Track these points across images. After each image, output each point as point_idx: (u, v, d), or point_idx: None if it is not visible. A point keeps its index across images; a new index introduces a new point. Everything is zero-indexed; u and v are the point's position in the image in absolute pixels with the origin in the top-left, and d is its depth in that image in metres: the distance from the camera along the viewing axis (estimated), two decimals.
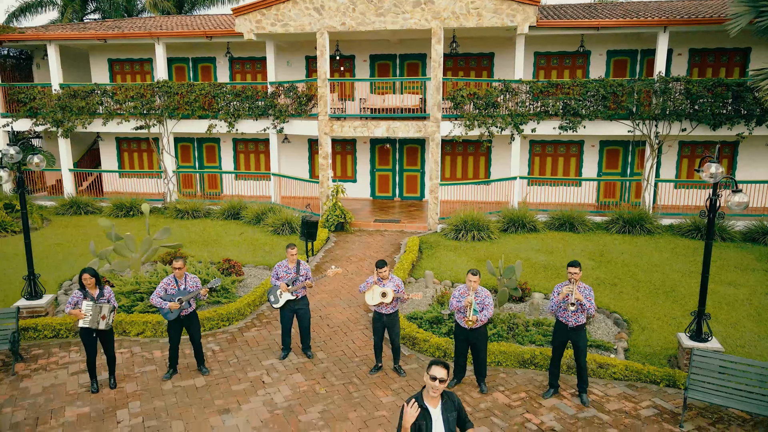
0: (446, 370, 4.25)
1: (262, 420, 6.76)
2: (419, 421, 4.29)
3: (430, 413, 4.31)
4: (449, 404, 4.41)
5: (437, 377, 4.22)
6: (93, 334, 7.16)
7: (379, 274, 7.58)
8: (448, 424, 4.35)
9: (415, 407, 4.14)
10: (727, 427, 6.69)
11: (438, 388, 4.25)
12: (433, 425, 4.31)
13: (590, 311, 6.89)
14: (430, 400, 4.34)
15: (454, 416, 4.40)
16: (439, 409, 4.35)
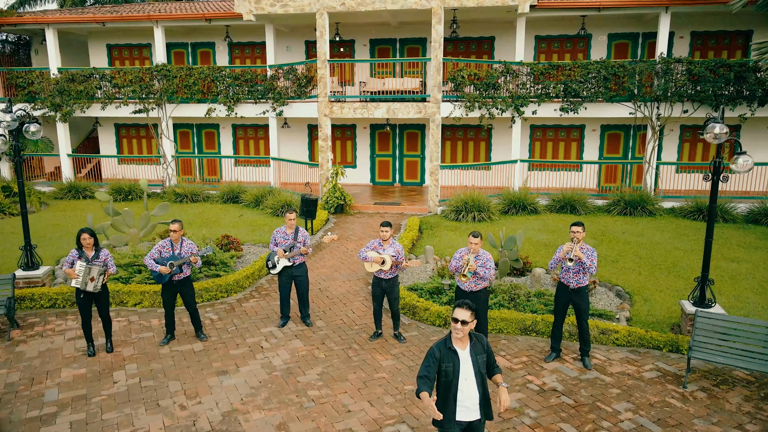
0: (470, 311, 4.15)
1: (261, 381, 6.67)
2: (447, 363, 4.20)
3: (458, 354, 4.22)
4: (478, 346, 4.31)
5: (459, 319, 4.14)
6: (81, 295, 7.06)
7: (381, 234, 7.49)
8: (477, 365, 4.25)
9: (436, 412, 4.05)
10: (731, 387, 6.60)
11: (461, 330, 4.15)
12: (462, 366, 4.22)
13: (591, 270, 6.79)
14: (457, 343, 4.25)
15: (483, 358, 4.30)
16: (468, 350, 4.26)
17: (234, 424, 5.77)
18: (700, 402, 6.28)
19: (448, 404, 4.23)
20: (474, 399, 4.25)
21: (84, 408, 6.06)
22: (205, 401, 6.22)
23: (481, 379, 4.27)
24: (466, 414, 4.27)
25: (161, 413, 5.97)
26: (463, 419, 4.27)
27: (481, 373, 4.27)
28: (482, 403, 4.28)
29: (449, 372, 4.21)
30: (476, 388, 4.25)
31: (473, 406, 4.26)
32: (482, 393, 4.27)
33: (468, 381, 4.23)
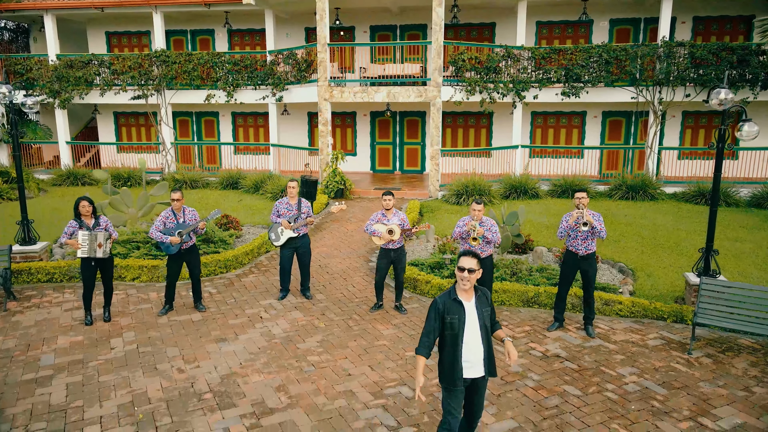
0: (476, 259, 4.01)
1: (260, 347, 6.58)
2: (452, 315, 4.03)
3: (463, 306, 4.06)
4: (483, 299, 4.14)
5: (466, 268, 3.98)
6: (92, 263, 6.98)
7: (384, 203, 7.39)
8: (482, 319, 4.08)
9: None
10: (737, 354, 6.51)
11: (468, 279, 3.99)
12: (467, 318, 4.05)
13: (601, 234, 6.70)
14: (462, 294, 4.09)
15: (488, 312, 4.14)
16: (473, 303, 4.10)
17: (233, 386, 5.68)
18: (706, 367, 6.19)
19: (455, 359, 4.03)
20: (479, 354, 4.08)
21: (80, 371, 5.97)
22: (203, 365, 6.13)
23: (486, 334, 4.10)
24: (471, 370, 4.08)
25: (159, 376, 5.88)
26: (468, 376, 4.09)
27: (486, 326, 4.10)
28: (487, 358, 4.12)
29: (455, 324, 4.02)
30: (481, 342, 4.08)
31: (478, 362, 4.08)
32: (487, 348, 4.10)
33: (473, 334, 4.06)
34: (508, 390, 5.65)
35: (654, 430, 4.98)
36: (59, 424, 4.98)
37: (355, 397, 5.47)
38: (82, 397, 5.44)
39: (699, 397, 5.54)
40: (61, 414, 5.15)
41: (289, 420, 5.08)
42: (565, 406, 5.36)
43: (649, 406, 5.38)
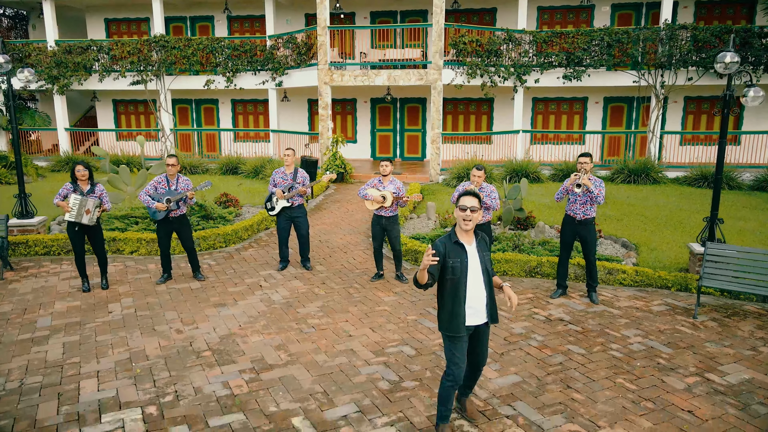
0: (476, 198, 3.84)
1: (259, 312, 6.50)
2: (454, 259, 3.85)
3: (465, 249, 3.88)
4: (483, 243, 3.99)
5: (468, 206, 3.79)
6: (75, 228, 6.87)
7: (381, 169, 7.32)
8: (484, 263, 3.94)
9: (430, 255, 3.63)
10: (742, 318, 6.43)
11: (470, 218, 3.80)
12: (469, 262, 3.88)
13: (599, 199, 6.60)
14: (463, 236, 3.90)
15: (488, 256, 4.00)
16: (474, 246, 3.95)
17: (232, 345, 5.60)
18: (712, 329, 6.10)
19: (458, 306, 3.85)
20: (482, 299, 3.93)
21: (77, 332, 5.88)
22: (202, 327, 6.04)
23: (488, 278, 3.96)
24: (474, 317, 3.93)
25: (157, 336, 5.79)
26: (471, 323, 3.94)
27: (488, 271, 3.96)
28: (489, 304, 3.98)
29: (456, 268, 3.82)
30: (484, 287, 3.94)
31: (481, 308, 3.94)
32: (489, 293, 3.97)
33: (476, 279, 3.90)
34: (512, 349, 5.56)
35: (660, 384, 4.90)
36: (55, 378, 4.90)
37: (356, 355, 5.39)
38: (79, 355, 5.35)
39: (705, 356, 5.46)
40: (57, 369, 5.07)
41: (289, 375, 5.00)
42: (569, 363, 5.27)
43: (655, 363, 5.30)
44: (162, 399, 4.57)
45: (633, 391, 4.77)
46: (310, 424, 4.23)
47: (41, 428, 4.14)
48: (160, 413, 4.36)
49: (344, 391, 4.71)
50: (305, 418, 4.32)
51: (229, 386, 4.78)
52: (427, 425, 4.22)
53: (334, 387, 4.79)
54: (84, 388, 4.73)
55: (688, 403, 4.59)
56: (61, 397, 4.58)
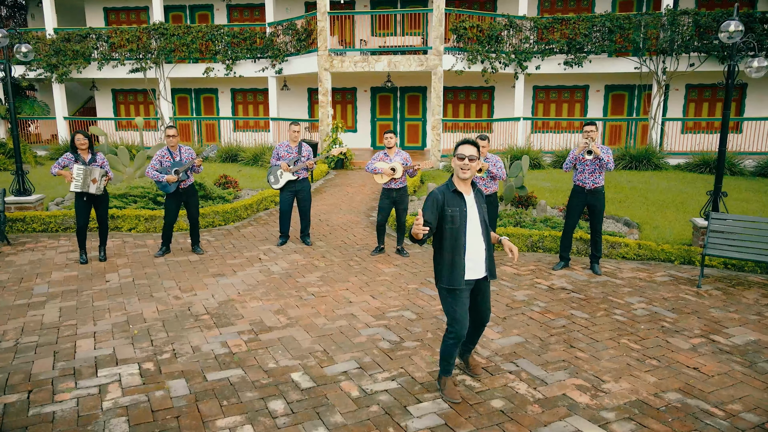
0: (475, 147, 3.73)
1: (258, 281, 6.43)
2: (452, 208, 3.74)
3: (464, 198, 3.78)
4: (479, 196, 3.91)
5: (466, 155, 3.67)
6: (84, 198, 6.82)
7: (386, 141, 7.24)
8: (482, 214, 3.85)
9: (420, 225, 3.50)
10: (747, 288, 6.36)
11: (468, 167, 3.69)
12: (468, 212, 3.78)
13: (608, 166, 6.53)
14: (461, 186, 3.79)
15: (486, 209, 3.92)
16: (473, 197, 3.86)
17: (230, 309, 5.53)
18: (716, 297, 6.04)
19: (457, 257, 3.74)
20: (481, 252, 3.82)
21: (74, 298, 5.81)
22: (200, 294, 5.97)
23: (486, 231, 3.86)
24: (473, 271, 3.79)
25: (155, 302, 5.72)
26: (470, 277, 3.79)
27: (486, 223, 3.86)
28: (488, 258, 3.87)
29: (455, 217, 3.71)
30: (483, 239, 3.84)
31: (480, 261, 3.83)
32: (487, 247, 3.87)
33: (475, 230, 3.80)
34: (514, 314, 5.49)
35: (665, 344, 4.82)
36: (51, 338, 4.82)
37: (356, 319, 5.32)
38: (76, 318, 5.28)
39: (710, 320, 5.39)
40: (53, 330, 4.99)
41: (288, 336, 4.92)
42: (572, 326, 5.20)
43: (659, 326, 5.23)
44: (159, 356, 4.50)
45: (637, 350, 4.70)
46: (309, 378, 4.16)
47: (36, 381, 4.07)
48: (157, 369, 4.29)
49: (344, 350, 4.64)
50: (305, 373, 4.25)
51: (228, 345, 4.71)
52: (428, 379, 4.15)
53: (333, 346, 4.72)
54: (80, 347, 4.66)
55: (693, 361, 4.52)
56: (57, 355, 4.51)
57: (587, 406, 3.82)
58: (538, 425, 3.58)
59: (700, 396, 3.97)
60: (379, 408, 3.77)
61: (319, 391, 3.99)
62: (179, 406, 3.77)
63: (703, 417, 3.70)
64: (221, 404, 3.79)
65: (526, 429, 3.54)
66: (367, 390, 4.00)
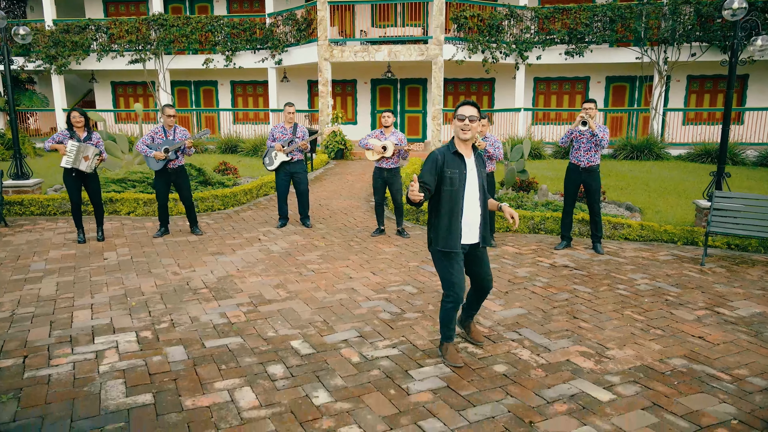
0: (476, 108, 3.68)
1: (258, 259, 6.37)
2: (452, 169, 3.67)
3: (464, 160, 3.71)
4: (480, 160, 3.84)
5: (466, 115, 3.61)
6: (72, 174, 6.74)
7: (383, 120, 7.19)
8: (481, 178, 3.79)
9: (416, 191, 3.46)
10: (751, 266, 6.30)
11: (468, 128, 3.62)
12: (468, 174, 3.72)
13: (603, 143, 6.48)
14: (462, 148, 3.72)
15: (484, 173, 3.86)
16: (473, 159, 3.79)
17: (230, 284, 5.47)
18: (720, 274, 5.98)
19: (454, 219, 3.68)
20: (476, 218, 3.76)
21: (72, 274, 5.75)
22: (199, 270, 5.91)
23: (484, 196, 3.81)
24: (468, 235, 3.75)
25: (153, 277, 5.66)
26: (465, 242, 3.75)
27: (485, 188, 3.81)
28: (483, 224, 3.81)
29: (455, 179, 3.64)
30: (479, 204, 3.77)
31: (475, 225, 3.75)
32: (483, 213, 3.80)
33: (473, 194, 3.74)
34: (516, 289, 5.43)
35: (669, 316, 4.77)
36: (48, 309, 4.76)
37: (357, 293, 5.26)
38: (73, 291, 5.22)
39: (714, 294, 5.33)
40: (50, 302, 4.93)
41: (288, 308, 4.86)
42: (575, 299, 5.14)
43: (663, 299, 5.17)
44: (157, 326, 4.43)
45: (641, 321, 4.65)
46: (309, 346, 4.10)
47: (32, 348, 4.01)
48: (155, 337, 4.23)
49: (344, 321, 4.58)
50: (304, 341, 4.19)
51: (227, 316, 4.65)
52: (430, 347, 4.09)
53: (334, 317, 4.66)
54: (77, 317, 4.60)
55: (698, 331, 4.46)
56: (53, 324, 4.45)
57: (591, 371, 3.76)
58: (542, 387, 3.52)
59: (705, 362, 3.91)
60: (380, 372, 3.71)
61: (319, 357, 3.93)
62: (177, 369, 3.71)
63: (709, 381, 3.65)
64: (220, 368, 3.73)
65: (529, 391, 3.48)
66: (368, 356, 3.94)
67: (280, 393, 3.43)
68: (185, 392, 3.42)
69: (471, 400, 3.37)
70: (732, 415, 3.23)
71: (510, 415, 3.21)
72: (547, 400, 3.38)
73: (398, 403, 3.32)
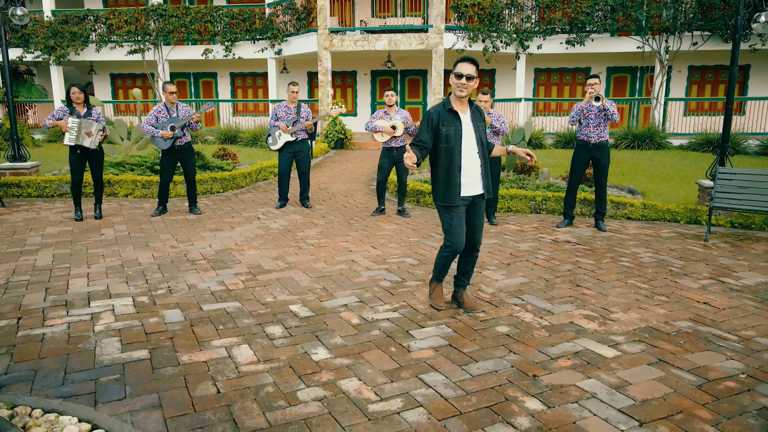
0: (474, 66, 3.68)
1: (256, 234, 6.30)
2: (447, 127, 3.73)
3: (459, 117, 3.77)
4: (477, 114, 3.88)
5: (464, 74, 3.64)
6: (78, 151, 6.68)
7: (387, 100, 7.12)
8: (478, 132, 3.82)
9: (412, 156, 3.56)
10: (755, 242, 6.23)
11: (465, 86, 3.66)
12: (463, 130, 3.77)
13: (614, 117, 6.39)
14: (458, 105, 3.79)
15: (483, 127, 3.89)
16: (469, 115, 3.83)
17: (228, 256, 5.40)
18: (724, 249, 5.91)
19: (452, 175, 3.75)
20: (476, 170, 3.80)
21: (68, 247, 5.68)
22: (197, 244, 5.84)
23: (483, 149, 3.84)
24: (469, 188, 3.81)
25: (150, 250, 5.59)
26: (466, 194, 3.80)
27: (482, 141, 3.84)
28: (484, 175, 3.84)
29: (450, 136, 3.73)
30: (479, 157, 3.81)
31: (476, 178, 3.81)
32: (483, 164, 3.84)
33: (470, 148, 3.78)
34: (518, 260, 5.36)
35: (674, 284, 4.70)
36: (44, 277, 4.69)
37: (357, 264, 5.19)
38: (69, 262, 5.15)
39: (718, 266, 5.26)
40: (45, 272, 4.86)
41: (287, 277, 4.79)
42: (578, 270, 5.08)
43: (667, 270, 5.10)
44: (154, 292, 4.37)
45: (645, 288, 4.58)
46: (308, 310, 4.03)
47: (26, 310, 3.94)
48: (151, 301, 4.16)
49: (344, 288, 4.51)
50: (303, 305, 4.12)
51: (225, 284, 4.58)
52: (431, 311, 4.02)
53: (333, 285, 4.59)
54: (73, 284, 4.54)
55: (703, 297, 4.39)
56: (49, 290, 4.38)
57: (596, 331, 3.69)
58: (546, 345, 3.46)
59: (711, 324, 3.85)
60: (380, 332, 3.64)
61: (318, 319, 3.87)
62: (174, 329, 3.64)
63: (715, 340, 3.58)
64: (217, 328, 3.67)
65: (533, 348, 3.41)
66: (368, 318, 3.88)
67: (278, 350, 3.36)
68: (182, 349, 3.35)
69: (473, 356, 3.30)
70: (740, 370, 3.16)
71: (513, 370, 3.14)
72: (550, 356, 3.31)
73: (399, 359, 3.26)
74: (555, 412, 2.71)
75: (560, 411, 2.72)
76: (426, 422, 2.61)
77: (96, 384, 2.92)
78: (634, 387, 2.95)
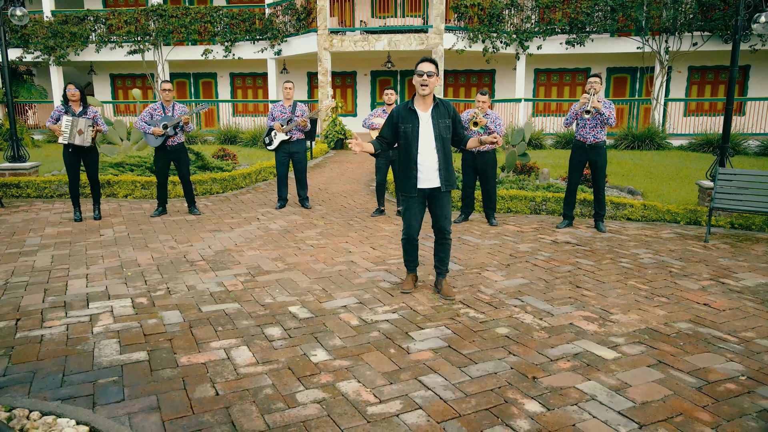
0: (433, 64, 3.97)
1: (256, 235, 6.29)
2: (405, 125, 4.07)
3: (417, 115, 4.06)
4: (442, 110, 4.11)
5: (424, 71, 3.94)
6: (69, 150, 6.67)
7: (386, 98, 7.11)
8: (438, 129, 4.07)
9: (360, 144, 4.07)
10: (755, 243, 6.22)
11: (427, 83, 3.95)
12: (421, 127, 4.05)
13: (610, 121, 6.38)
14: (419, 104, 4.09)
15: (447, 123, 4.11)
16: (429, 113, 4.08)
17: (227, 257, 5.39)
18: (724, 250, 5.90)
19: (409, 169, 4.10)
20: (433, 164, 4.08)
21: (67, 248, 5.67)
22: (196, 245, 5.84)
23: (442, 145, 4.09)
24: (426, 182, 4.12)
25: (149, 251, 5.58)
26: (423, 186, 4.13)
27: (443, 138, 4.10)
28: (443, 169, 4.09)
29: (407, 133, 4.07)
30: (435, 152, 4.08)
31: (432, 172, 4.10)
32: (442, 158, 4.08)
33: (427, 145, 4.06)
34: (518, 261, 5.35)
35: (673, 285, 4.69)
36: (42, 278, 4.69)
37: (356, 265, 5.18)
38: (68, 263, 5.14)
39: (719, 267, 5.25)
40: (44, 273, 4.86)
41: (287, 278, 4.79)
42: (577, 271, 5.07)
43: (667, 271, 5.09)
44: (153, 293, 4.36)
45: (645, 290, 4.57)
46: (307, 311, 4.02)
47: (25, 312, 3.93)
48: (150, 302, 4.15)
49: (344, 289, 4.51)
50: (303, 306, 4.11)
51: (224, 285, 4.57)
52: (431, 312, 4.02)
53: (333, 286, 4.59)
54: (72, 285, 4.53)
55: (703, 298, 4.38)
56: (47, 291, 4.37)
57: (595, 333, 3.68)
58: (545, 347, 3.45)
59: (711, 326, 3.84)
60: (379, 334, 3.63)
61: (317, 320, 3.86)
62: (172, 331, 3.63)
63: (716, 342, 3.57)
64: (216, 330, 3.66)
65: (532, 350, 3.41)
66: (368, 320, 3.87)
67: (277, 352, 3.36)
68: (180, 350, 3.35)
69: (473, 358, 3.29)
70: (740, 372, 3.15)
71: (513, 371, 3.13)
72: (550, 358, 3.31)
73: (398, 360, 3.25)
74: (554, 414, 2.71)
75: (560, 413, 2.71)
76: (425, 424, 2.60)
77: (94, 386, 2.91)
78: (633, 389, 2.95)
